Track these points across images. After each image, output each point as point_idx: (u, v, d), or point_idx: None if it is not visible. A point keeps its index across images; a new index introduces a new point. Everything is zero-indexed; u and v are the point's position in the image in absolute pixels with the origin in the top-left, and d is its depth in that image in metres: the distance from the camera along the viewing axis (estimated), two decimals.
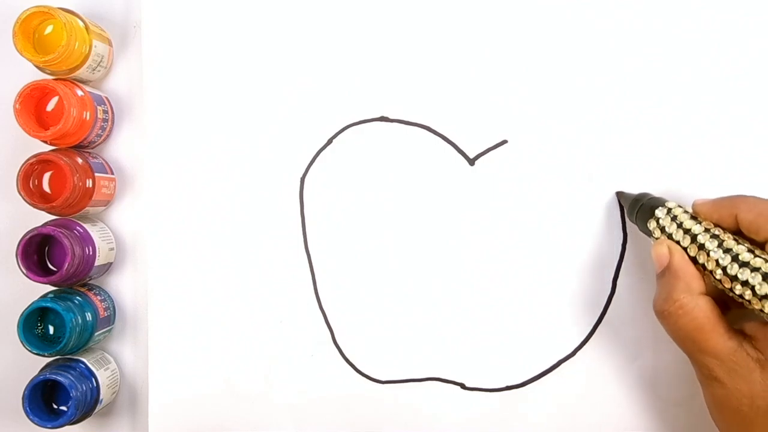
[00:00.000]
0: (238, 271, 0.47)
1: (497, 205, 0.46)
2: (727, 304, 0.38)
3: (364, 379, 0.46)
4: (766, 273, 0.34)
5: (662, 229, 0.40)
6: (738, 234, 0.37)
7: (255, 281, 0.47)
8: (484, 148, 0.46)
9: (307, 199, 0.47)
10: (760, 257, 0.35)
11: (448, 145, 0.46)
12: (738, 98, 0.44)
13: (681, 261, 0.38)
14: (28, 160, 0.43)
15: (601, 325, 0.45)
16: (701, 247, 0.37)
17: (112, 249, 0.47)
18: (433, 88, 0.46)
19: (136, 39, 0.48)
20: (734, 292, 0.36)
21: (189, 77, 0.47)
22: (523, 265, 0.46)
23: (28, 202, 0.43)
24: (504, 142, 0.46)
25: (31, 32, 0.43)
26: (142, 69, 0.47)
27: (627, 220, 0.45)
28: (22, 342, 0.42)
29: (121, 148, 0.48)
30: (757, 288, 0.34)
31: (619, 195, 0.45)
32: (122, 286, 0.48)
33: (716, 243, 0.37)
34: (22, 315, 0.43)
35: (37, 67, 0.44)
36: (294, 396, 0.46)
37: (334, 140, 0.47)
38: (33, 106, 0.44)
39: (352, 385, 0.46)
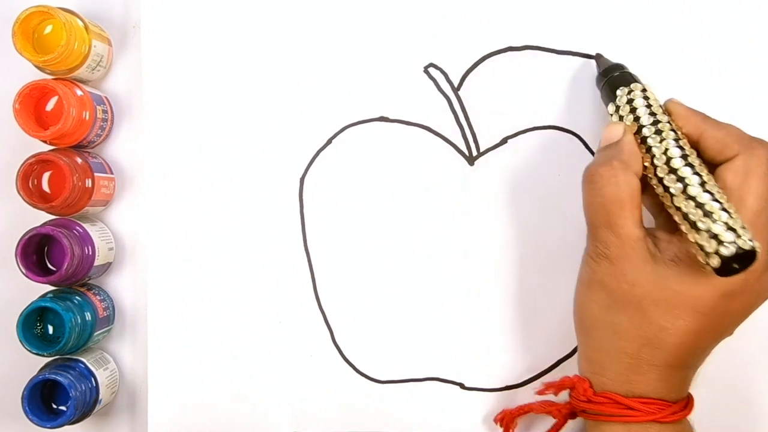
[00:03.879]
0: (238, 271, 0.47)
1: (497, 205, 0.46)
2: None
3: (364, 379, 0.46)
4: (703, 182, 0.34)
5: (629, 103, 0.39)
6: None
7: (254, 281, 0.46)
8: (484, 148, 0.46)
9: (307, 199, 0.47)
10: (706, 172, 0.35)
11: (448, 145, 0.46)
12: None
13: (630, 141, 0.38)
14: (27, 159, 0.43)
15: None
16: (658, 132, 0.37)
17: (111, 249, 0.47)
18: (432, 89, 0.46)
19: (136, 39, 0.48)
20: (664, 184, 0.35)
21: (188, 77, 0.47)
22: (523, 264, 0.46)
23: (27, 202, 0.43)
24: (504, 142, 0.46)
25: (30, 32, 0.43)
26: (142, 69, 0.47)
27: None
28: (21, 342, 0.42)
29: (120, 148, 0.48)
30: (689, 189, 0.34)
31: (598, 58, 0.44)
32: (121, 285, 0.48)
33: (673, 135, 0.37)
34: (21, 315, 0.43)
35: (37, 66, 0.44)
36: (293, 396, 0.46)
37: (333, 140, 0.47)
38: (32, 106, 0.44)
39: (352, 385, 0.46)
